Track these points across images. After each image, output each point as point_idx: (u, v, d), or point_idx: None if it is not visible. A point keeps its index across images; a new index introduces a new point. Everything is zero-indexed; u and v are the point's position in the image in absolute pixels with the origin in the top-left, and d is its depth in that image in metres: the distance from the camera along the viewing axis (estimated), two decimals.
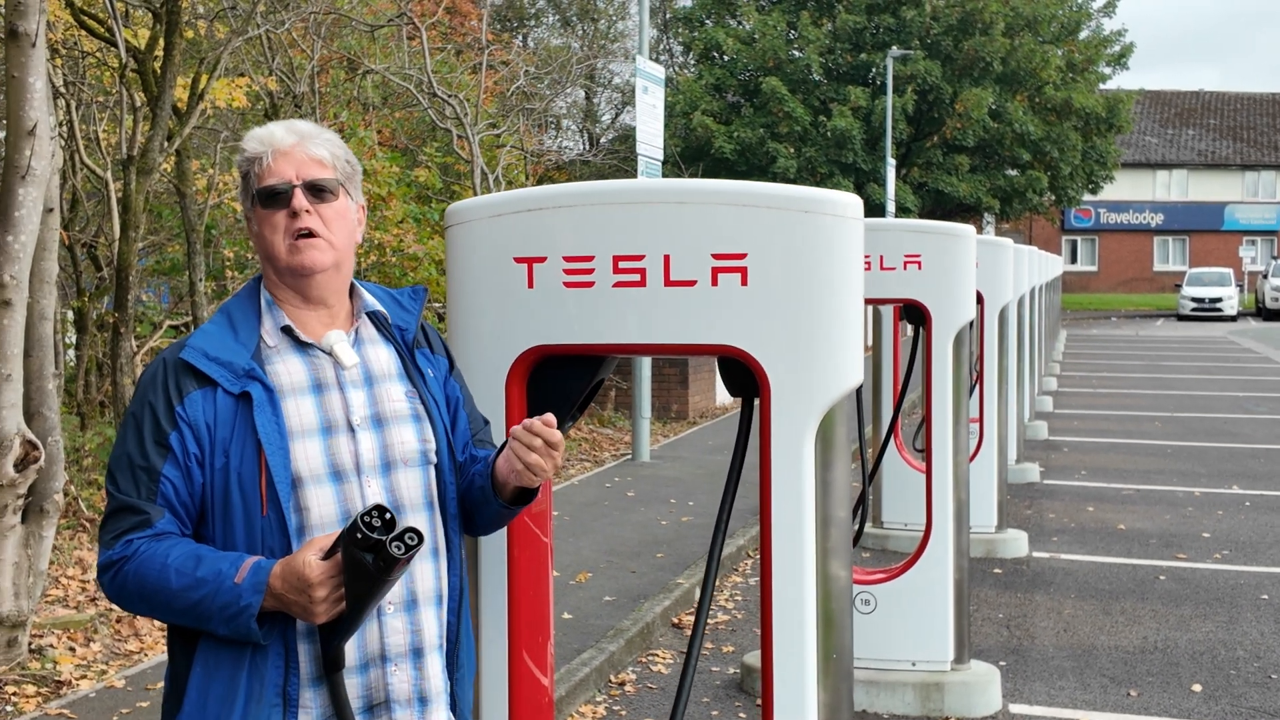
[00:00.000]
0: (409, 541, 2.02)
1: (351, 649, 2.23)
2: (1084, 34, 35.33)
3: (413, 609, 2.30)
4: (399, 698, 2.28)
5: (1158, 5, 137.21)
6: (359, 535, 2.00)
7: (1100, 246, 54.62)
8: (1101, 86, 35.95)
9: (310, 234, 2.29)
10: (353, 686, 2.23)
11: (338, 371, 2.31)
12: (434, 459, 2.37)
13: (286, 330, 2.31)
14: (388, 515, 2.02)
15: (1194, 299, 41.11)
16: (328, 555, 2.08)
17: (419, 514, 2.32)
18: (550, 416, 2.26)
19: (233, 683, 2.16)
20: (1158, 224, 53.98)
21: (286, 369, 2.28)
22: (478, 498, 2.41)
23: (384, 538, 2.00)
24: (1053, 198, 36.19)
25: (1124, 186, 49.53)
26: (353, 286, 2.41)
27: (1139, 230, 54.15)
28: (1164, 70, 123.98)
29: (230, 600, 2.10)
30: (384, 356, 2.38)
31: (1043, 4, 32.73)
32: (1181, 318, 41.18)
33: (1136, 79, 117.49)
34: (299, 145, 2.32)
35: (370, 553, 2.01)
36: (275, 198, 2.29)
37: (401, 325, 2.43)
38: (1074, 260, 54.02)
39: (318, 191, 2.31)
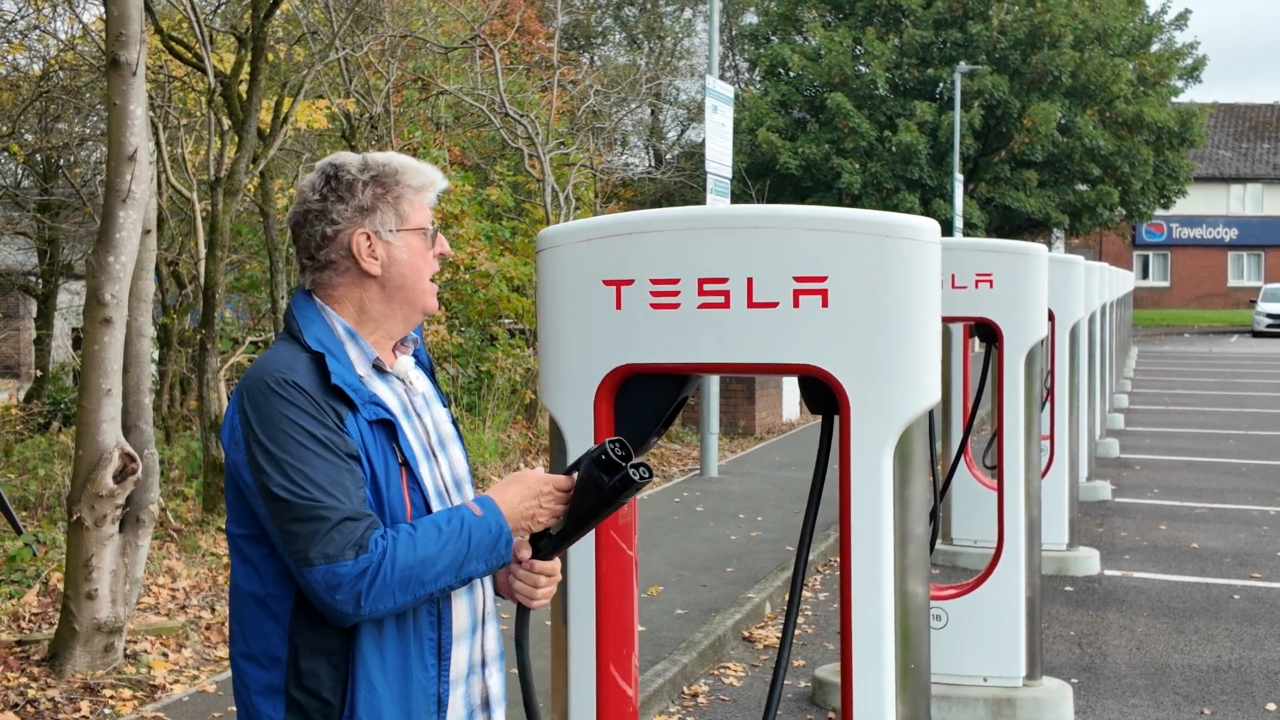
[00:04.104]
0: (644, 474, 2.23)
1: (462, 659, 2.35)
2: (1155, 47, 34.92)
3: (490, 620, 2.45)
4: (495, 696, 2.44)
5: (1231, 18, 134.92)
6: (603, 457, 2.22)
7: (1173, 262, 53.76)
8: (1173, 100, 35.49)
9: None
10: (459, 695, 2.35)
11: (411, 397, 2.39)
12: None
13: (374, 362, 2.35)
14: (628, 448, 2.24)
15: (1269, 315, 40.37)
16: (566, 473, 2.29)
17: None
18: (524, 554, 2.32)
19: (401, 654, 2.25)
20: (1232, 239, 53.03)
21: (385, 396, 2.34)
22: None
23: (625, 464, 2.22)
24: (1123, 213, 35.75)
25: (1197, 201, 48.72)
26: None
27: (1213, 245, 53.23)
28: (1238, 84, 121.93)
29: (486, 532, 2.21)
30: (424, 380, 2.47)
31: (1113, 17, 32.40)
32: (1256, 334, 40.43)
33: (1209, 92, 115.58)
34: None
35: (608, 474, 2.23)
36: (434, 236, 2.38)
37: (420, 348, 2.50)
38: (1146, 276, 53.20)
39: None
